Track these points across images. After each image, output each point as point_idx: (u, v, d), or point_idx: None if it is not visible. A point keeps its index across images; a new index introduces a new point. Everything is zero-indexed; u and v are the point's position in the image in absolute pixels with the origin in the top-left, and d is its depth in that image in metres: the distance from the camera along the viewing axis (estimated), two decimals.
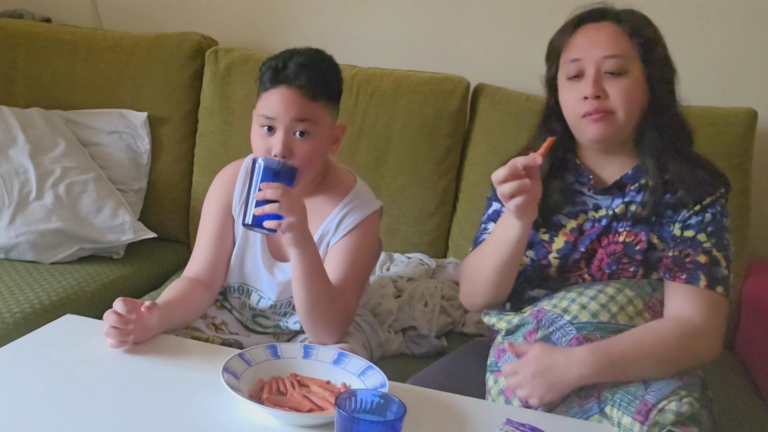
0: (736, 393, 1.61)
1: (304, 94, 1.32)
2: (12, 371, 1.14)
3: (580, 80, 1.29)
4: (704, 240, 1.27)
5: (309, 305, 1.32)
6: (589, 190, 1.35)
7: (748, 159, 1.89)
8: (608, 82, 1.28)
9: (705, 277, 1.24)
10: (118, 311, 1.19)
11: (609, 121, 1.28)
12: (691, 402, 1.12)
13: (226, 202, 1.46)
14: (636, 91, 1.28)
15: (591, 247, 1.33)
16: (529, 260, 1.37)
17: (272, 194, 1.22)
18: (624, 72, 1.27)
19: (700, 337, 1.21)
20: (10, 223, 1.90)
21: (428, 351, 1.67)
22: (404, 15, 2.29)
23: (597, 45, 1.29)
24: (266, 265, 1.45)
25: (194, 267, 1.45)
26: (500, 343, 1.28)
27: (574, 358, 1.16)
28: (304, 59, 1.34)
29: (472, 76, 2.08)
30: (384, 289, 1.82)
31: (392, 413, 0.96)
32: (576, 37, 1.32)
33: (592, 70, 1.28)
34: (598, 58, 1.28)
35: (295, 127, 1.32)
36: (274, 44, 2.39)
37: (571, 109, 1.31)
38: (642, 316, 1.23)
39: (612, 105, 1.27)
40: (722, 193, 1.30)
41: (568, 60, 1.31)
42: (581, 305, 1.22)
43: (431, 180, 2.04)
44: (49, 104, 2.23)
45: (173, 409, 1.08)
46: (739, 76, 2.07)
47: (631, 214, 1.31)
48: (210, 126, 2.17)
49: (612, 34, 1.29)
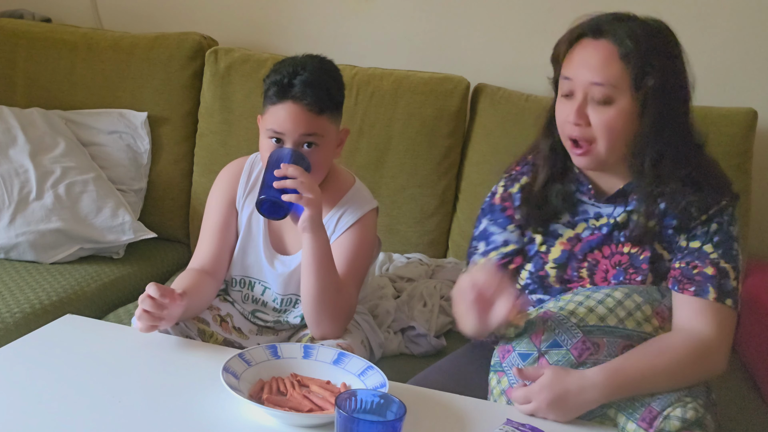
0: (736, 393, 1.61)
1: (311, 110, 1.35)
2: (12, 371, 1.15)
3: (571, 99, 1.25)
4: (710, 251, 1.24)
5: (318, 293, 1.34)
6: (590, 199, 1.33)
7: (748, 159, 1.89)
8: (593, 110, 1.23)
9: (714, 290, 1.21)
10: (152, 295, 1.22)
11: (591, 153, 1.24)
12: (696, 408, 1.12)
13: (230, 195, 1.49)
14: (619, 122, 1.22)
15: (592, 256, 1.31)
16: (528, 273, 1.36)
17: (293, 171, 1.26)
18: (610, 102, 1.22)
19: (711, 354, 1.19)
20: (10, 223, 1.91)
21: (427, 351, 1.67)
22: (404, 15, 2.29)
23: (588, 68, 1.23)
24: (267, 257, 1.47)
25: (199, 258, 1.47)
26: (504, 342, 1.27)
27: (588, 382, 1.13)
28: (308, 76, 1.36)
29: (472, 76, 2.08)
30: (383, 290, 1.82)
31: (392, 413, 0.96)
32: (573, 53, 1.27)
33: (580, 94, 1.23)
34: (586, 83, 1.23)
35: (303, 140, 1.36)
36: (274, 44, 2.39)
37: (560, 126, 1.29)
38: (650, 322, 1.21)
39: (593, 134, 1.23)
40: (729, 201, 1.27)
41: (563, 76, 1.27)
42: (588, 308, 1.21)
43: (431, 180, 2.04)
44: (49, 104, 2.22)
45: (173, 409, 1.08)
46: (739, 76, 2.07)
47: (634, 225, 1.28)
48: (210, 126, 2.17)
49: (605, 58, 1.22)
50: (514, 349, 1.23)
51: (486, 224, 1.41)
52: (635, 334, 1.20)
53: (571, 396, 1.12)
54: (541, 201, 1.33)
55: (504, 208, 1.39)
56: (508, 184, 1.41)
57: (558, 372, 1.15)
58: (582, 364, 1.18)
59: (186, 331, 1.35)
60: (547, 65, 1.42)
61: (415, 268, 1.96)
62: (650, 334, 1.21)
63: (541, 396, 1.12)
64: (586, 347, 1.18)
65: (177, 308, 1.26)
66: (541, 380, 1.14)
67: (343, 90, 1.44)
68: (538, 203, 1.34)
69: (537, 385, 1.14)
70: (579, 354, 1.18)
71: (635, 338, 1.20)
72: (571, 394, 1.12)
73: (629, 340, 1.19)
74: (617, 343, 1.19)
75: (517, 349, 1.23)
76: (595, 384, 1.13)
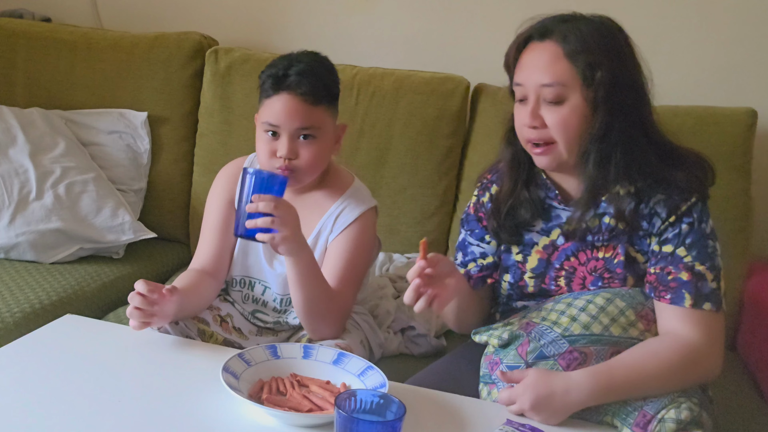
0: (736, 393, 1.61)
1: (306, 100, 1.35)
2: (12, 371, 1.15)
3: (525, 103, 1.25)
4: (684, 254, 1.21)
5: (306, 306, 1.35)
6: (559, 204, 1.31)
7: (748, 159, 1.88)
8: (547, 110, 1.22)
9: (690, 296, 1.18)
10: (141, 292, 1.21)
11: (551, 152, 1.23)
12: (690, 407, 1.11)
13: (229, 196, 1.49)
14: (574, 119, 1.21)
15: (569, 264, 1.30)
16: (507, 284, 1.36)
17: (264, 207, 1.22)
18: (561, 101, 1.21)
19: (701, 359, 1.18)
20: (10, 223, 1.90)
21: (427, 351, 1.67)
22: (404, 15, 2.29)
23: (536, 70, 1.22)
24: (267, 258, 1.48)
25: (200, 259, 1.48)
26: (492, 354, 1.26)
27: (573, 383, 1.12)
28: (304, 66, 1.36)
29: (472, 76, 2.08)
30: (383, 290, 1.82)
31: (392, 413, 0.96)
32: (522, 58, 1.26)
33: (533, 97, 1.23)
34: (536, 85, 1.22)
35: (299, 133, 1.36)
36: (274, 44, 2.39)
37: (518, 132, 1.28)
38: (635, 326, 1.20)
39: (551, 135, 1.22)
40: (698, 197, 1.22)
41: (515, 83, 1.27)
42: (571, 317, 1.19)
43: (432, 180, 2.04)
44: (49, 104, 2.23)
45: (173, 409, 1.08)
46: (739, 76, 2.07)
47: (605, 226, 1.26)
48: (210, 126, 2.17)
49: (551, 58, 1.22)
50: (502, 362, 1.23)
51: (464, 235, 1.42)
52: (622, 340, 1.18)
53: (557, 397, 1.11)
54: (510, 211, 1.32)
55: (479, 218, 1.40)
56: (480, 194, 1.41)
57: (542, 373, 1.14)
58: None
59: (186, 332, 1.35)
60: None
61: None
62: (637, 338, 1.19)
63: (524, 397, 1.12)
64: (573, 357, 1.16)
65: (169, 304, 1.25)
66: (524, 381, 1.14)
67: (339, 83, 1.44)
68: (507, 213, 1.33)
69: (521, 387, 1.13)
70: (567, 364, 1.16)
71: (623, 344, 1.18)
72: (557, 394, 1.12)
73: (617, 347, 1.17)
74: (605, 350, 1.17)
75: (505, 361, 1.22)
76: (581, 385, 1.12)
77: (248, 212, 1.23)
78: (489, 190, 1.39)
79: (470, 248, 1.41)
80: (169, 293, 1.25)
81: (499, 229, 1.34)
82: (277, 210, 1.23)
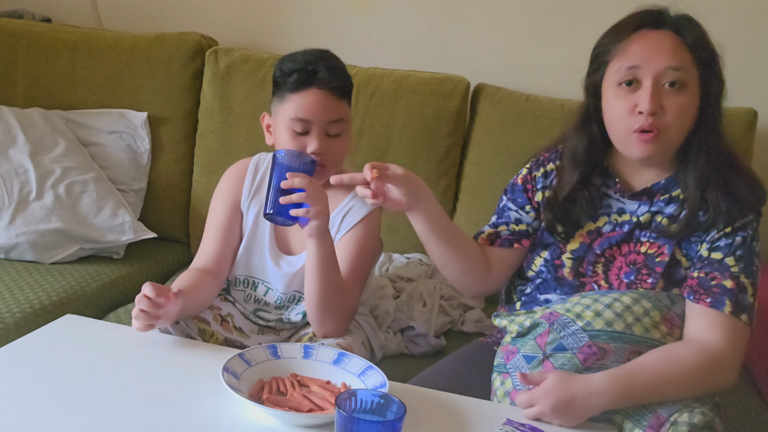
0: (736, 393, 1.60)
1: (335, 94, 1.38)
2: (12, 371, 1.15)
3: (633, 90, 1.21)
4: (732, 264, 1.21)
5: (322, 295, 1.34)
6: (616, 193, 1.31)
7: (748, 159, 1.89)
8: (666, 96, 1.20)
9: (731, 303, 1.18)
10: (147, 295, 1.22)
11: (660, 140, 1.21)
12: (704, 412, 1.11)
13: (234, 197, 1.49)
14: (691, 110, 1.21)
15: (610, 252, 1.30)
16: (543, 260, 1.35)
17: (299, 183, 1.25)
18: (684, 86, 1.20)
19: (722, 367, 1.18)
20: (10, 223, 1.91)
21: (427, 350, 1.67)
22: (404, 15, 2.29)
23: (659, 53, 1.20)
24: (273, 258, 1.48)
25: (202, 259, 1.48)
26: (509, 344, 1.26)
27: (595, 388, 1.11)
28: (332, 62, 1.41)
29: (472, 76, 2.08)
30: (383, 290, 1.82)
31: (392, 413, 0.96)
32: (632, 43, 1.23)
33: (650, 81, 1.20)
34: (660, 68, 1.19)
35: (329, 128, 1.39)
36: (274, 44, 2.39)
37: (619, 121, 1.24)
38: (658, 328, 1.19)
39: (666, 122, 1.20)
40: (755, 216, 1.25)
41: (624, 67, 1.22)
42: (595, 312, 1.19)
43: (431, 180, 2.04)
44: (49, 104, 2.23)
45: (173, 409, 1.08)
46: (739, 76, 2.06)
47: (656, 225, 1.27)
48: (210, 126, 2.17)
49: (673, 44, 1.21)
50: (519, 351, 1.22)
51: (505, 201, 1.42)
52: (643, 340, 1.17)
53: (578, 401, 1.10)
54: (567, 208, 1.32)
55: (525, 189, 1.40)
56: (533, 168, 1.40)
57: (563, 376, 1.13)
58: (588, 369, 1.16)
59: (186, 331, 1.35)
60: (546, 65, 1.42)
61: (415, 268, 1.96)
62: (658, 340, 1.19)
63: (545, 400, 1.10)
64: (592, 352, 1.16)
65: (173, 307, 1.26)
66: (545, 384, 1.12)
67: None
68: (563, 210, 1.32)
69: (541, 390, 1.12)
70: (585, 358, 1.16)
71: (643, 344, 1.17)
72: (578, 399, 1.10)
73: (637, 346, 1.17)
74: (625, 348, 1.17)
75: (522, 350, 1.22)
76: (602, 390, 1.11)
77: (283, 188, 1.25)
78: (545, 166, 1.38)
79: (507, 212, 1.40)
80: (175, 297, 1.25)
81: (554, 221, 1.34)
82: (310, 186, 1.25)
